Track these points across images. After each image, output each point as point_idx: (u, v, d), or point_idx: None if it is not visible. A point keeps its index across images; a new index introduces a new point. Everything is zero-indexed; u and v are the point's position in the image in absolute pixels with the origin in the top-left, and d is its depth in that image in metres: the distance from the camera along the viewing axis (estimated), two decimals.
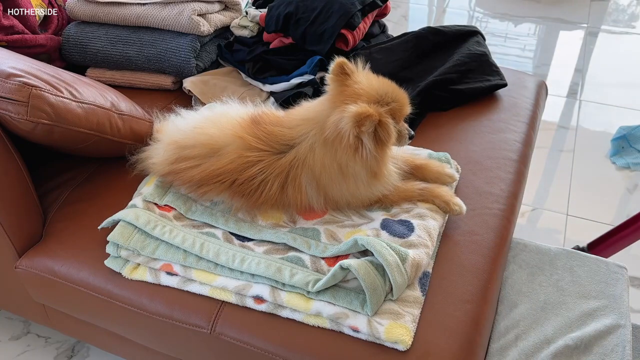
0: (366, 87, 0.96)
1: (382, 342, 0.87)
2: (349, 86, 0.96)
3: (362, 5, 1.47)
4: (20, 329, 1.50)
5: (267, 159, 1.00)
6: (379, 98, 0.95)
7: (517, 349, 1.02)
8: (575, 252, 1.20)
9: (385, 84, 0.98)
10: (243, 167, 1.00)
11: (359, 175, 0.98)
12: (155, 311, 0.99)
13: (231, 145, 1.01)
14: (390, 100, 0.96)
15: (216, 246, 1.00)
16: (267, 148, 1.00)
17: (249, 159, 1.00)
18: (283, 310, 0.93)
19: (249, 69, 1.51)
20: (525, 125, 1.40)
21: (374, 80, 0.98)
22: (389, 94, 0.96)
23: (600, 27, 3.08)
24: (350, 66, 0.98)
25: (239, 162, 1.00)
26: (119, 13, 1.50)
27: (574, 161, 2.11)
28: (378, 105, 0.94)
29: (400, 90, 0.99)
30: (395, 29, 2.98)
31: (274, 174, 1.00)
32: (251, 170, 1.00)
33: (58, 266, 1.08)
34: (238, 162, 1.00)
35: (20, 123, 0.98)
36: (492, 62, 1.53)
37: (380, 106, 0.94)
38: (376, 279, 0.88)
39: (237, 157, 1.00)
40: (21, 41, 1.37)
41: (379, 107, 0.94)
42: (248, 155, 1.00)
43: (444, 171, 1.12)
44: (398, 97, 0.97)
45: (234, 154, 1.00)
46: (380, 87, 0.97)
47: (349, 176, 0.98)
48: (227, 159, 1.01)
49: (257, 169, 0.99)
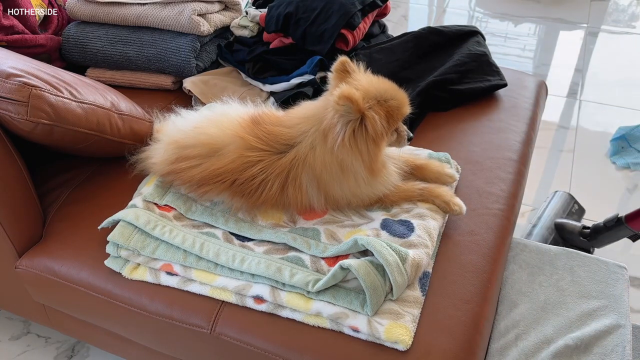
0: (365, 85, 0.96)
1: (382, 342, 0.87)
2: (349, 83, 0.96)
3: (362, 5, 1.47)
4: (20, 329, 1.50)
5: (268, 158, 1.00)
6: (377, 96, 0.95)
7: (517, 349, 1.02)
8: (575, 252, 1.20)
9: (384, 83, 0.99)
10: (243, 167, 1.00)
11: (358, 172, 0.98)
12: (155, 311, 0.99)
13: (231, 145, 1.01)
14: (388, 98, 0.96)
15: (216, 246, 1.00)
16: (268, 148, 1.00)
17: (249, 159, 1.00)
18: (283, 310, 0.93)
19: (249, 69, 1.51)
20: (525, 125, 1.40)
21: (374, 80, 0.99)
22: (388, 92, 0.96)
23: (600, 27, 3.08)
24: (352, 65, 0.99)
25: (240, 162, 1.00)
26: (119, 13, 1.50)
27: (574, 161, 2.11)
28: (376, 103, 0.94)
29: (400, 91, 0.99)
30: (395, 29, 2.98)
31: (275, 174, 1.00)
32: (251, 170, 1.00)
33: (58, 266, 1.08)
34: (238, 162, 1.00)
35: (21, 123, 0.98)
36: (492, 62, 1.53)
37: (378, 104, 0.94)
38: (376, 279, 0.88)
39: (237, 157, 1.00)
40: (21, 41, 1.37)
41: (377, 104, 0.94)
42: (248, 155, 1.00)
43: (444, 171, 1.12)
44: (397, 96, 0.97)
45: (234, 153, 1.00)
46: (380, 86, 0.97)
47: (349, 174, 0.98)
48: (227, 159, 1.01)
49: (257, 168, 0.99)
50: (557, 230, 1.55)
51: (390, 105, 0.96)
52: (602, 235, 1.48)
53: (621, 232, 1.45)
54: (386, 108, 0.95)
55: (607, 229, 1.47)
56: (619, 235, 1.47)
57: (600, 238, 1.49)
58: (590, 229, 1.51)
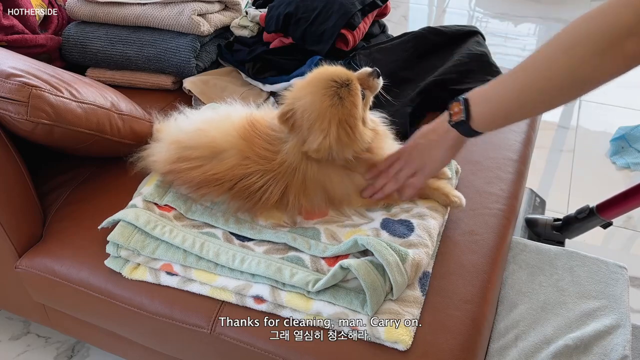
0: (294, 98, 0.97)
1: (382, 342, 0.87)
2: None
3: (362, 5, 1.47)
4: (20, 329, 1.50)
5: (266, 164, 1.00)
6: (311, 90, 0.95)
7: (517, 349, 1.02)
8: (575, 252, 1.20)
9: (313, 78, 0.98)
10: (242, 174, 1.00)
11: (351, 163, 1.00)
12: (155, 311, 0.99)
13: (232, 150, 1.01)
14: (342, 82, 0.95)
15: (216, 246, 1.00)
16: (266, 153, 1.00)
17: (248, 169, 1.00)
18: (283, 310, 0.93)
19: (249, 69, 1.51)
20: (525, 125, 1.40)
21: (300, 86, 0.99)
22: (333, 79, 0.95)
23: None
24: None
25: (238, 170, 1.00)
26: (118, 13, 1.50)
27: (574, 161, 2.11)
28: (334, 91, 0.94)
29: (333, 70, 0.97)
30: (395, 29, 2.97)
31: (274, 179, 1.00)
32: (251, 177, 1.00)
33: (58, 266, 1.08)
34: (238, 168, 1.00)
35: (21, 123, 0.98)
36: (492, 62, 1.52)
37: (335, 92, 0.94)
38: (376, 279, 0.88)
39: (235, 164, 1.00)
40: (21, 41, 1.37)
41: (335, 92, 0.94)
42: (247, 164, 1.00)
43: None
44: (339, 78, 0.96)
45: (233, 160, 1.00)
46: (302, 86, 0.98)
47: (342, 167, 1.00)
48: (226, 165, 1.00)
49: (256, 177, 1.00)
50: (529, 226, 1.58)
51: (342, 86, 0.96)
52: (573, 226, 1.52)
53: (593, 222, 1.49)
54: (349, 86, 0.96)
55: (578, 220, 1.51)
56: (591, 225, 1.50)
57: (571, 229, 1.53)
58: (561, 220, 1.54)
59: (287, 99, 0.99)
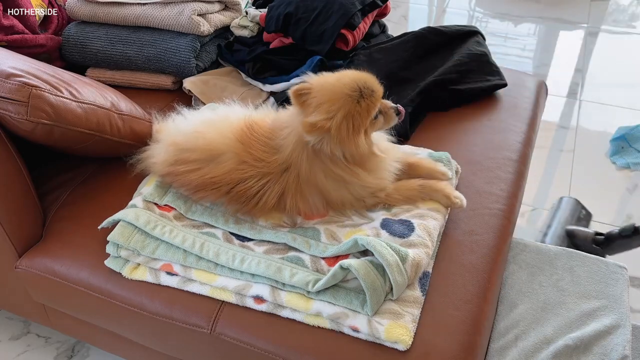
0: (324, 95, 0.95)
1: (382, 342, 0.87)
2: (308, 102, 0.96)
3: (362, 5, 1.47)
4: (20, 329, 1.50)
5: (263, 167, 1.00)
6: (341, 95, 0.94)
7: (517, 349, 1.02)
8: (575, 252, 1.20)
9: (344, 78, 0.97)
10: (239, 178, 1.00)
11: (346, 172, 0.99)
12: (155, 311, 0.99)
13: (229, 153, 1.01)
14: (367, 92, 0.95)
15: (216, 246, 1.00)
16: (263, 157, 1.00)
17: (244, 170, 1.00)
18: (283, 310, 0.93)
19: (249, 69, 1.51)
20: (525, 125, 1.40)
21: (331, 82, 0.97)
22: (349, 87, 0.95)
23: (600, 27, 3.08)
24: (305, 86, 0.97)
25: (236, 171, 1.00)
26: (118, 13, 1.50)
27: (574, 161, 2.11)
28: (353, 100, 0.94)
29: (362, 77, 0.97)
30: (395, 29, 2.97)
31: (271, 183, 1.00)
32: (247, 182, 1.00)
33: (58, 266, 1.08)
34: (234, 172, 1.00)
35: (21, 123, 0.98)
36: (492, 62, 1.53)
37: (356, 101, 0.94)
38: (376, 279, 0.88)
39: (232, 168, 1.00)
40: (21, 41, 1.37)
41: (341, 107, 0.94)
42: (243, 169, 1.00)
43: (436, 168, 1.11)
44: (367, 84, 0.96)
45: (229, 164, 1.00)
46: (338, 86, 0.96)
47: (340, 179, 0.99)
48: (223, 169, 1.00)
49: (253, 180, 1.00)
50: (569, 237, 1.56)
51: (367, 98, 0.95)
52: (615, 243, 1.48)
53: (636, 241, 1.46)
54: (368, 102, 0.95)
55: (622, 238, 1.47)
56: (633, 244, 1.47)
57: (613, 246, 1.49)
58: (604, 236, 1.51)
59: (311, 80, 0.98)
